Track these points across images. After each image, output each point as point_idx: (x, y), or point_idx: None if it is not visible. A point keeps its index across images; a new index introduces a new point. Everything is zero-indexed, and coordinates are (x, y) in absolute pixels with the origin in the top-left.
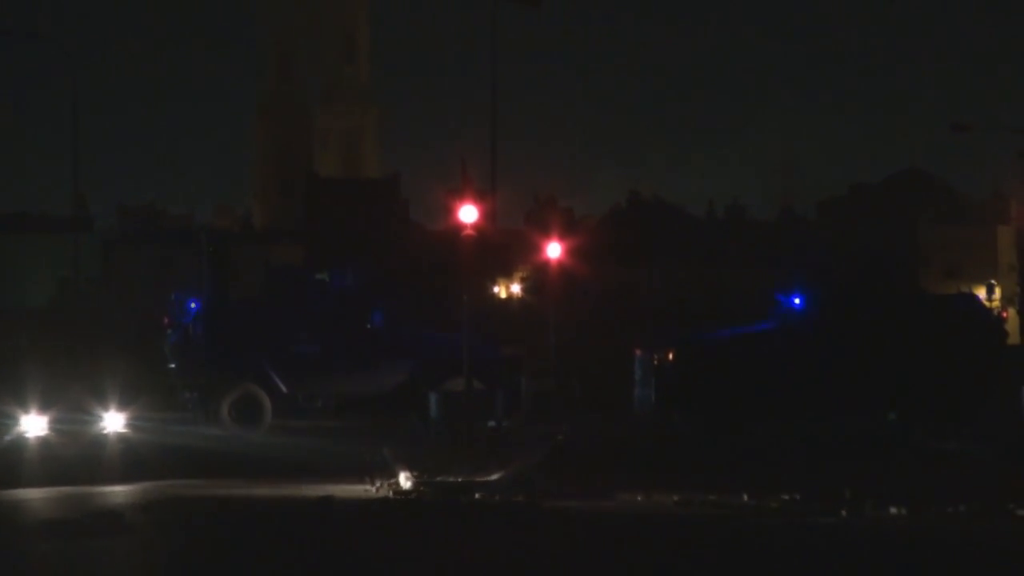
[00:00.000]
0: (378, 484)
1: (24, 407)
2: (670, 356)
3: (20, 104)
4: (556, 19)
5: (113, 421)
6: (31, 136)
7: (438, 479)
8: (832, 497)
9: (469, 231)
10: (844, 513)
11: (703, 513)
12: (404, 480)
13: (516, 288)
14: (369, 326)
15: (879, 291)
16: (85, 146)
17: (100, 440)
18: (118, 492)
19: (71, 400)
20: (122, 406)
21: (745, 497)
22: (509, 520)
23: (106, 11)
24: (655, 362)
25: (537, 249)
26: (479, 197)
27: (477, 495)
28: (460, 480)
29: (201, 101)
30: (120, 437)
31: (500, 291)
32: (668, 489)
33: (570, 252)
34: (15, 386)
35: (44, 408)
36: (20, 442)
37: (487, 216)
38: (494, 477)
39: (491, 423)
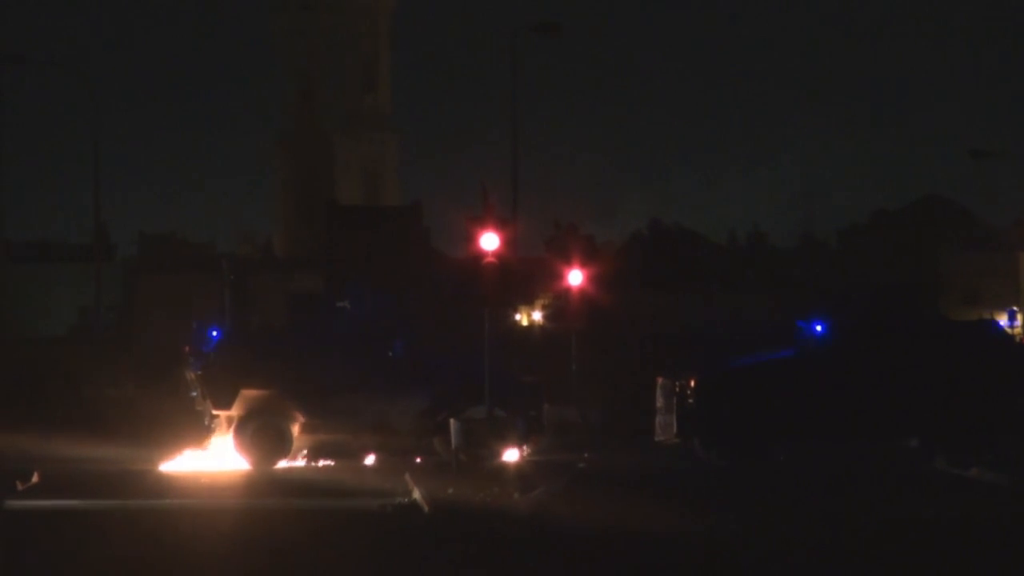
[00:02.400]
0: (397, 504)
1: None
2: (692, 384)
3: (40, 132)
4: (577, 46)
5: None
6: (52, 165)
7: (459, 506)
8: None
9: (490, 259)
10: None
11: (722, 541)
12: (423, 507)
13: (537, 315)
14: (390, 354)
15: (900, 317)
16: (106, 175)
17: None
18: None
19: None
20: None
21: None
22: (528, 548)
23: (125, 39)
24: (677, 390)
25: (558, 276)
26: (500, 224)
27: (497, 522)
28: (481, 507)
29: (222, 129)
30: None
31: (521, 318)
32: (689, 517)
33: (591, 279)
34: None
35: None
36: None
37: (508, 243)
38: (515, 505)
39: (512, 450)
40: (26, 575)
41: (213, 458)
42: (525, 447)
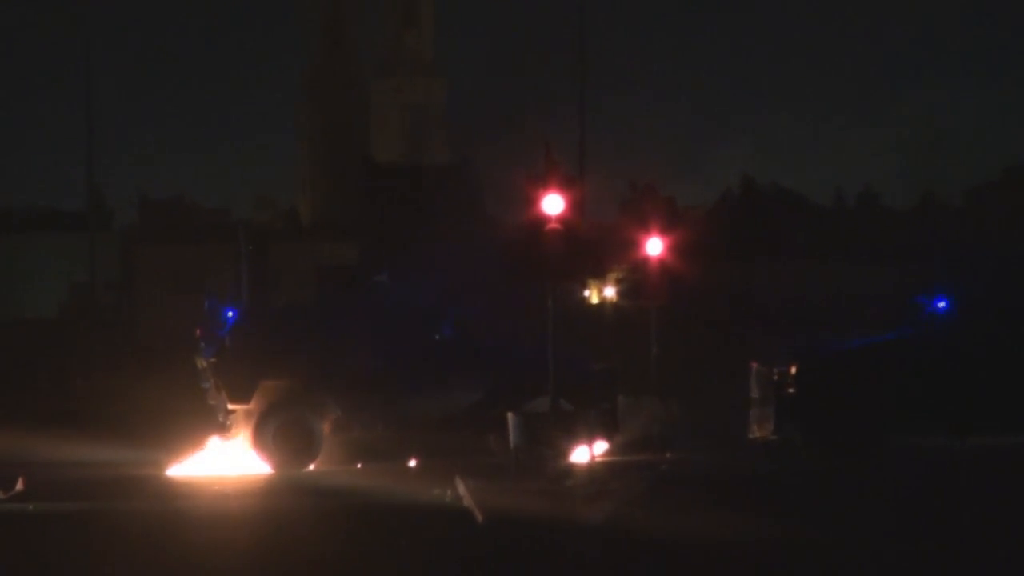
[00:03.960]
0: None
1: None
2: (793, 370)
3: (30, 85)
4: None
5: None
6: (41, 123)
7: (517, 514)
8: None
9: (554, 225)
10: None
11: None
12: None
13: (610, 291)
14: (437, 337)
15: None
16: (103, 131)
17: None
18: None
19: None
20: None
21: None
22: (598, 565)
23: None
24: (775, 377)
25: (634, 245)
26: (566, 185)
27: (562, 535)
28: (543, 516)
29: (238, 78)
30: None
31: (591, 295)
32: (790, 528)
33: (674, 248)
34: None
35: None
36: None
37: (575, 207)
38: (584, 513)
39: (581, 449)
40: None
41: (229, 460)
42: (596, 445)
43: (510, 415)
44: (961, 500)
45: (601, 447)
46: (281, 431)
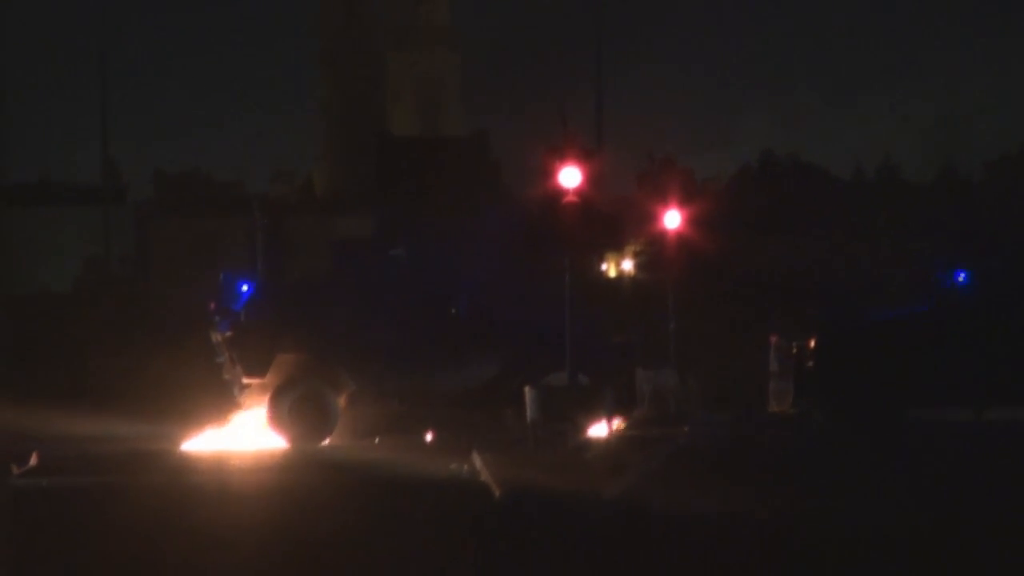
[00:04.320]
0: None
1: None
2: (812, 344)
3: (44, 57)
4: None
5: None
6: (55, 96)
7: (534, 489)
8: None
9: (571, 197)
10: None
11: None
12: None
13: (627, 264)
14: (454, 311)
15: None
16: (117, 103)
17: None
18: None
19: None
20: None
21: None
22: (615, 540)
23: None
24: (794, 351)
25: (652, 218)
26: (583, 157)
27: (579, 510)
28: (561, 491)
29: (252, 50)
30: None
31: (609, 268)
32: (810, 503)
33: (692, 221)
34: None
35: None
36: None
37: (592, 179)
38: (601, 488)
39: (598, 424)
40: (35, 553)
41: (244, 435)
42: (613, 420)
43: (527, 389)
44: (980, 473)
45: (618, 421)
46: (297, 405)
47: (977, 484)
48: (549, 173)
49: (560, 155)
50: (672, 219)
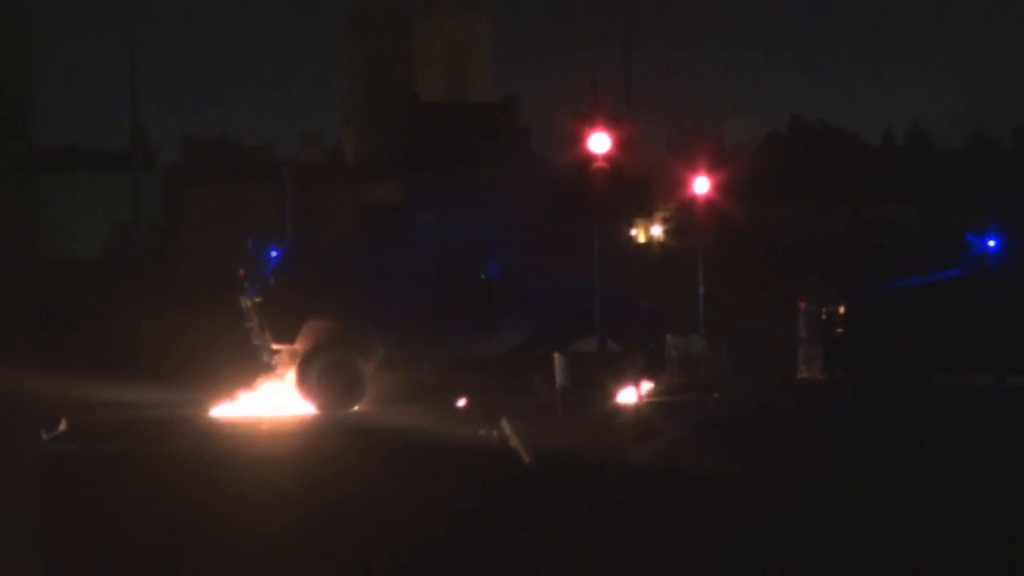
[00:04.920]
0: (491, 453)
1: None
2: (841, 310)
3: (73, 23)
4: None
5: None
6: (84, 60)
7: (564, 456)
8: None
9: (601, 163)
10: None
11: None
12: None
13: (657, 230)
14: (483, 276)
15: None
16: (146, 69)
17: None
18: None
19: None
20: None
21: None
22: (645, 505)
23: None
24: (823, 317)
25: (682, 184)
26: (612, 122)
27: (609, 475)
28: (590, 457)
29: (280, 15)
30: None
31: (638, 234)
32: (837, 469)
33: (721, 187)
34: None
35: None
36: None
37: (622, 145)
38: (631, 454)
39: (628, 390)
40: (63, 519)
41: (273, 401)
42: (643, 386)
43: (557, 355)
44: (1008, 440)
45: (647, 387)
46: (326, 371)
47: (1002, 449)
48: (578, 139)
49: (589, 120)
50: (701, 185)
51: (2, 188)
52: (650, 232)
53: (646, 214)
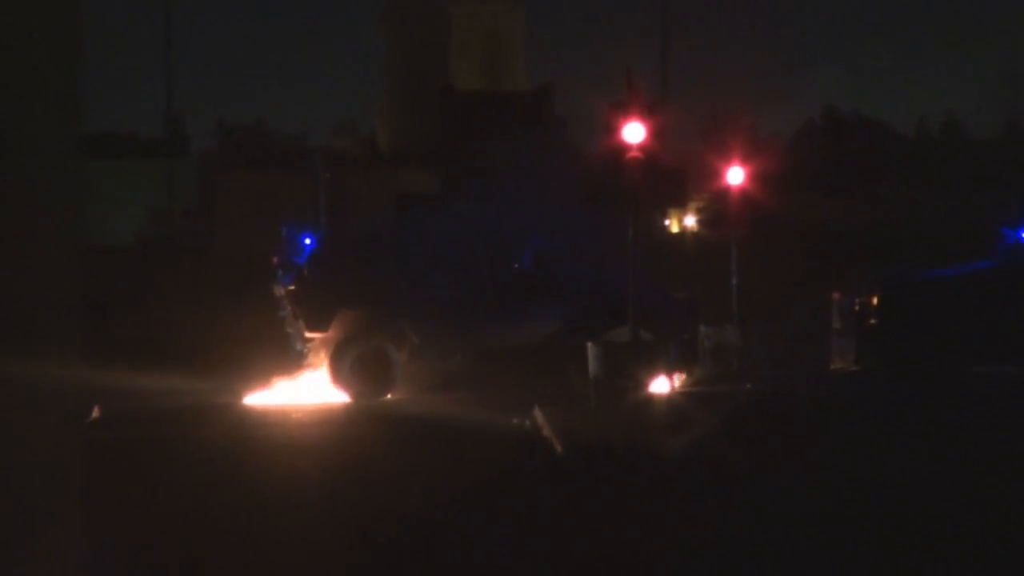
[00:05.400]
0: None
1: None
2: (874, 301)
3: (108, 9)
4: None
5: None
6: (120, 46)
7: (596, 445)
8: None
9: (635, 153)
10: None
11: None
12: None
13: (690, 220)
14: (516, 265)
15: None
16: (182, 56)
17: None
18: None
19: None
20: None
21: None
22: (678, 496)
23: None
24: (857, 307)
25: (716, 174)
26: (647, 112)
27: (642, 466)
28: (623, 447)
29: (317, 3)
30: None
31: (671, 224)
32: (873, 461)
33: (755, 177)
34: None
35: None
36: None
37: (656, 135)
38: (664, 445)
39: (661, 380)
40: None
41: (306, 390)
42: (676, 376)
43: (589, 345)
44: None
45: (681, 378)
46: (359, 360)
47: None
48: (613, 128)
49: (624, 110)
50: (735, 175)
51: (58, 176)
52: (683, 222)
53: (680, 204)
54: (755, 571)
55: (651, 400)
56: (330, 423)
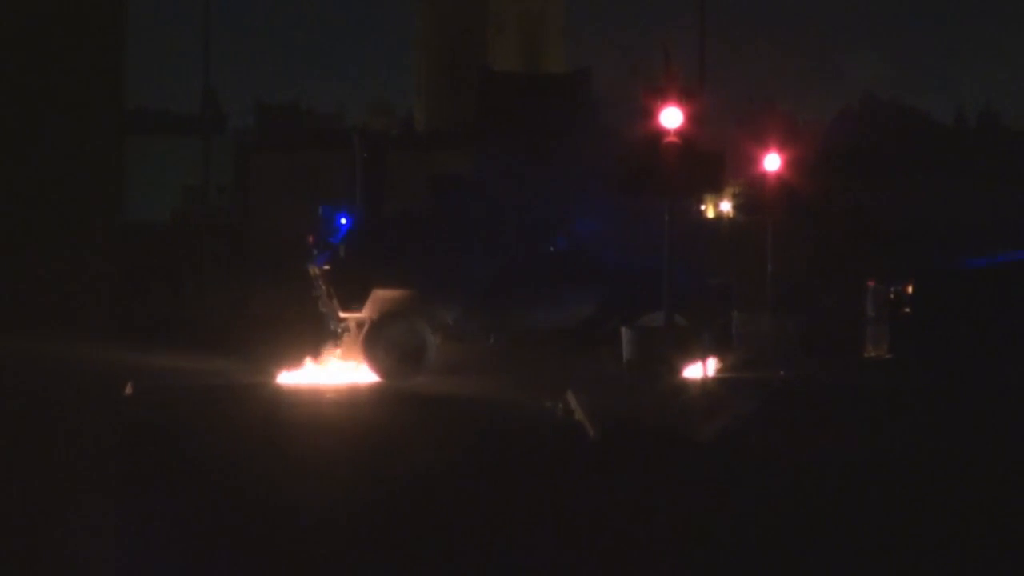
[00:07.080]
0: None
1: None
2: (909, 289)
3: None
4: None
5: None
6: (157, 24)
7: (630, 429)
8: None
9: (672, 138)
10: None
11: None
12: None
13: (726, 206)
14: (552, 248)
15: None
16: (219, 34)
17: None
18: None
19: None
20: None
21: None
22: (711, 482)
23: None
24: (891, 296)
25: (752, 160)
26: (684, 97)
27: (675, 450)
28: (656, 431)
29: None
30: None
31: (707, 209)
32: (902, 442)
33: (792, 163)
34: None
35: None
36: None
37: (694, 120)
38: (697, 430)
39: (695, 365)
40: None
41: (340, 370)
42: (710, 362)
43: (624, 329)
44: None
45: (715, 363)
46: (392, 341)
47: None
48: (650, 113)
49: (661, 95)
50: (772, 161)
51: (102, 151)
52: (719, 207)
53: (716, 190)
54: (784, 555)
55: (684, 385)
56: (362, 403)
